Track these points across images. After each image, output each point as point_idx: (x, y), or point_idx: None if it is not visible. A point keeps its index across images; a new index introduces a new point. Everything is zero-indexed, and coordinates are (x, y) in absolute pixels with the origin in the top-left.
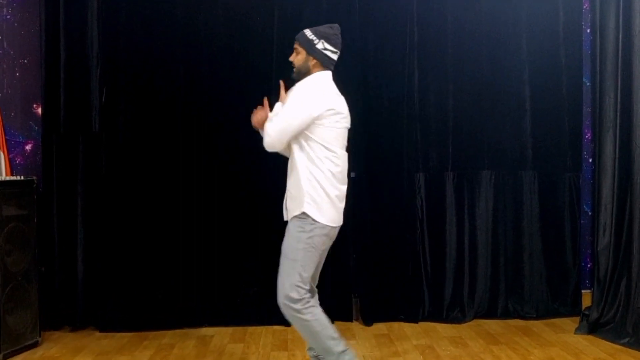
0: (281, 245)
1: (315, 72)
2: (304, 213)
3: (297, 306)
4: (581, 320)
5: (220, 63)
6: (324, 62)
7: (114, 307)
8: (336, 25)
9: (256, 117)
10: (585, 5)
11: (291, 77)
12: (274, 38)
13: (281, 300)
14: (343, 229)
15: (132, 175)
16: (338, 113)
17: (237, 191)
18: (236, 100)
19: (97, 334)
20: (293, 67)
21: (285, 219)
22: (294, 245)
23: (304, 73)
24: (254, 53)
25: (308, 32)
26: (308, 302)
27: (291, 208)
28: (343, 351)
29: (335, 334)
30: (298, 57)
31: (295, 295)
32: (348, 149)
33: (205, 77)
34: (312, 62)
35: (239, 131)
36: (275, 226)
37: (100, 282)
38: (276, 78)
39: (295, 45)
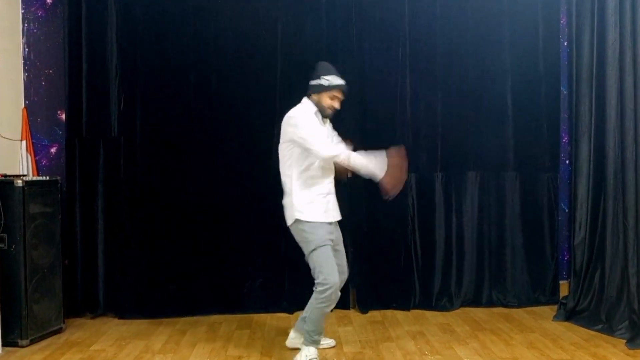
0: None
1: None
2: None
3: None
4: (559, 309)
5: (228, 72)
6: None
7: (131, 296)
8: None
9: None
10: (563, 20)
11: (327, 116)
12: (277, 49)
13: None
14: (341, 225)
15: (148, 176)
16: None
17: (243, 191)
18: (243, 106)
19: (116, 320)
20: (334, 111)
21: (339, 218)
22: None
23: None
24: (259, 63)
25: None
26: None
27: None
28: None
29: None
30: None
31: None
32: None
33: (214, 84)
34: None
35: (245, 134)
36: (278, 222)
37: (119, 273)
38: (280, 86)
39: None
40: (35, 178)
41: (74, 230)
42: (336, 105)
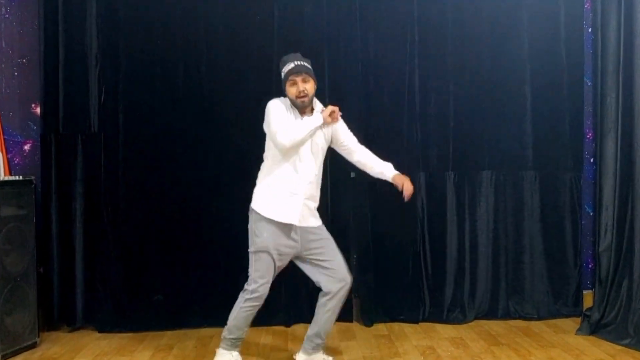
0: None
1: None
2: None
3: None
4: (582, 321)
5: (220, 62)
6: None
7: (112, 307)
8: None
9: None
10: (587, 5)
11: (300, 105)
12: (274, 38)
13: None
14: (344, 230)
15: (131, 175)
16: None
17: (236, 193)
18: (236, 99)
19: (96, 334)
20: (304, 97)
21: (313, 225)
22: None
23: (312, 100)
24: (253, 52)
25: (308, 63)
26: None
27: (316, 215)
28: None
29: None
30: (310, 86)
31: None
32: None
33: (205, 75)
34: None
35: (238, 131)
36: None
37: (99, 282)
38: (276, 77)
39: (306, 76)
40: (7, 178)
41: (49, 235)
42: (296, 90)
